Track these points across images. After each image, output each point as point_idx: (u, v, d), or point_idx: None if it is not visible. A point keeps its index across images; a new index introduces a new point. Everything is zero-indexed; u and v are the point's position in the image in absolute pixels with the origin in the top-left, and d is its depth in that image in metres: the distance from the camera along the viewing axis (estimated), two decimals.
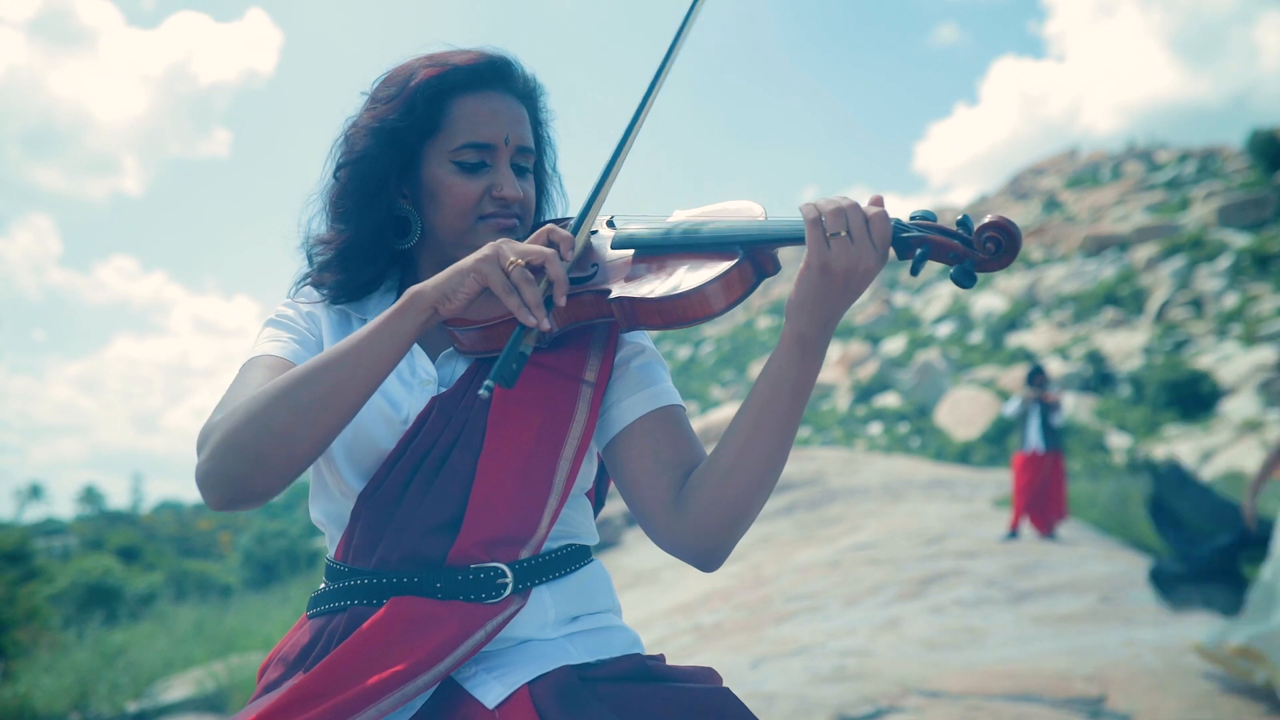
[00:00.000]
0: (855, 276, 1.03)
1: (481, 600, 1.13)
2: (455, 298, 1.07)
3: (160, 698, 8.94)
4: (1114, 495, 11.02)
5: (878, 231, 1.03)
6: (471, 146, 1.22)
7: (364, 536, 1.17)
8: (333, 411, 1.06)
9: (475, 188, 1.22)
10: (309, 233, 1.30)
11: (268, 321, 1.27)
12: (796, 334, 1.07)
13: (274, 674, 1.18)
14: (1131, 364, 28.95)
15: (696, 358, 54.48)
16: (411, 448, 1.16)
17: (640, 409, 1.20)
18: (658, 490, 1.17)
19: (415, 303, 1.08)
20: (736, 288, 1.09)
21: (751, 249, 1.10)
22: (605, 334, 1.24)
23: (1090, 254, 41.80)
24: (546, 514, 1.17)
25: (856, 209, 1.04)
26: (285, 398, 1.05)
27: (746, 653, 5.73)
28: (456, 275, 1.07)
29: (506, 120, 1.24)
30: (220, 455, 1.05)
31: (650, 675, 1.14)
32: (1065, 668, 4.32)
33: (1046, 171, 70.77)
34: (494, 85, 1.25)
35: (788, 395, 1.09)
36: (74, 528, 46.83)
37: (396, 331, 1.07)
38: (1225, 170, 47.57)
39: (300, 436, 1.05)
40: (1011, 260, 1.03)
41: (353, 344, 1.08)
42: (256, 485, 1.05)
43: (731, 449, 1.12)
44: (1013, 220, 1.02)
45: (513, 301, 1.04)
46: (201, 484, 1.07)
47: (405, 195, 1.26)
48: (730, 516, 1.13)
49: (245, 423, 1.05)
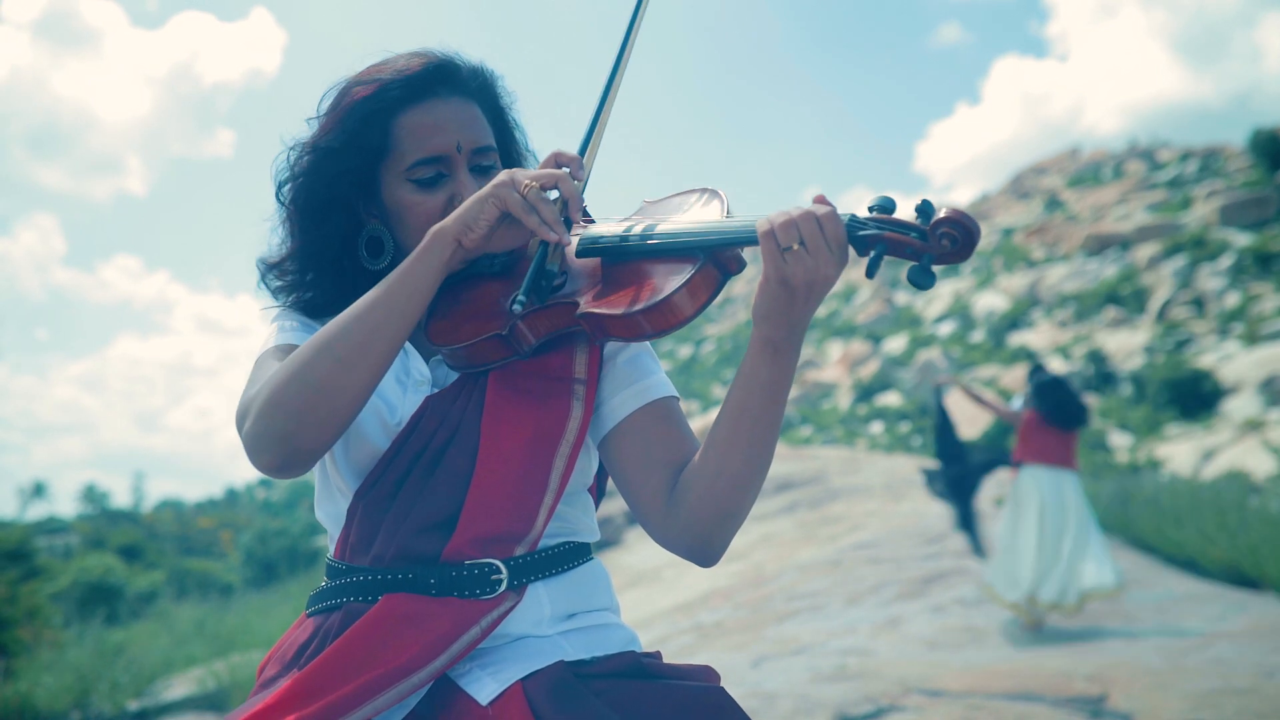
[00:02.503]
0: (816, 285, 1.02)
1: (476, 596, 1.13)
2: (477, 226, 1.09)
3: (161, 696, 8.95)
4: (1115, 495, 11.01)
5: (832, 236, 1.01)
6: (423, 163, 1.20)
7: (360, 534, 1.17)
8: (373, 358, 1.07)
9: (436, 202, 1.21)
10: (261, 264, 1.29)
11: (277, 316, 1.27)
12: (765, 339, 1.06)
13: (271, 671, 1.18)
14: (1133, 363, 28.92)
15: (698, 356, 54.48)
16: (406, 447, 1.16)
17: (631, 405, 1.20)
18: (650, 488, 1.17)
19: (439, 238, 1.10)
20: (702, 293, 1.09)
21: (712, 252, 1.10)
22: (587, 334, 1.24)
23: (1092, 253, 41.76)
24: (543, 511, 1.16)
25: (809, 218, 1.01)
26: (324, 351, 1.07)
27: (747, 652, 5.73)
28: (475, 204, 1.09)
29: (454, 126, 1.21)
30: (267, 416, 1.06)
31: (645, 672, 1.14)
32: (1066, 667, 4.32)
33: (1048, 171, 70.68)
34: (435, 92, 1.22)
35: (762, 397, 1.08)
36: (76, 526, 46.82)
37: (425, 270, 1.09)
38: (1227, 170, 47.50)
39: (344, 386, 1.06)
40: (969, 253, 0.99)
41: (383, 290, 1.09)
42: (306, 441, 1.06)
43: (714, 453, 1.12)
44: (966, 212, 0.99)
45: (533, 220, 1.07)
46: (252, 447, 1.07)
47: (375, 215, 1.25)
48: (720, 515, 1.13)
49: (287, 381, 1.06)
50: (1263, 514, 8.51)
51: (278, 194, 1.26)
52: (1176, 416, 24.14)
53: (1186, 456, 20.10)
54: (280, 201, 1.26)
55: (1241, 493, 10.33)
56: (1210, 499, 9.59)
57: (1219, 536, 8.19)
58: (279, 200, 1.26)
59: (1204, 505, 9.30)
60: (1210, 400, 24.09)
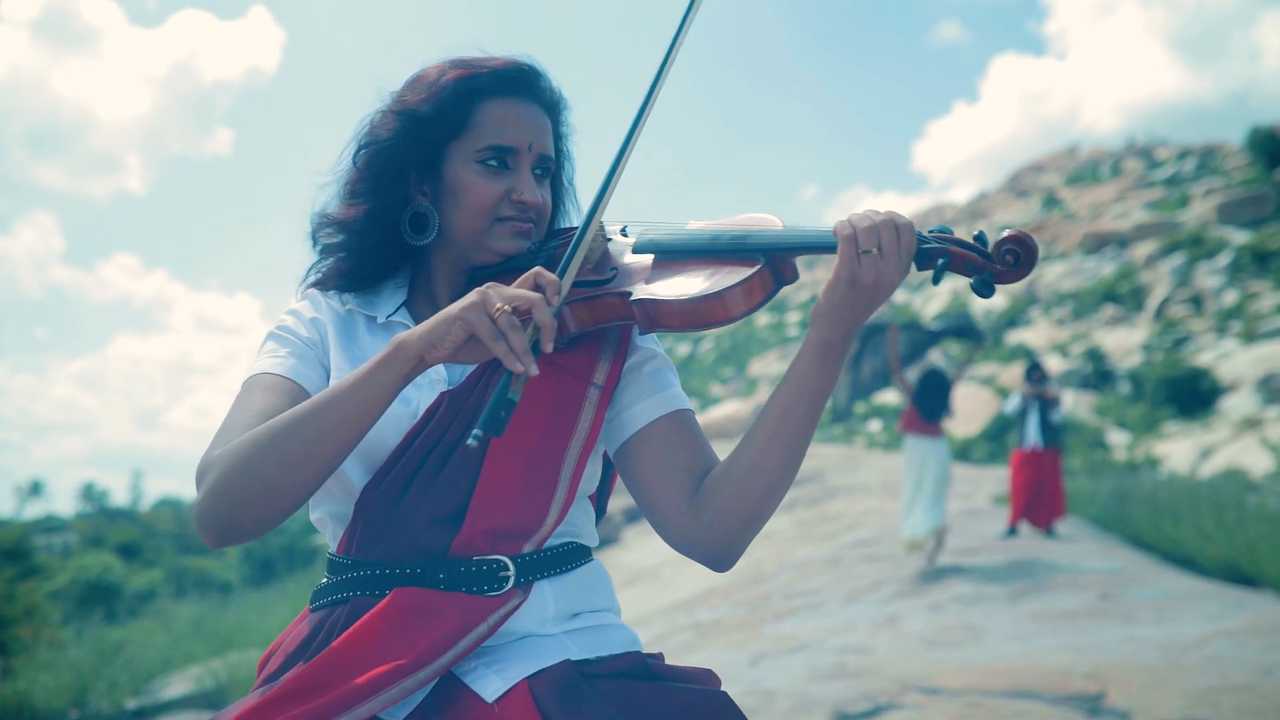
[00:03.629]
0: (881, 289, 1.08)
1: (484, 592, 1.14)
2: (442, 345, 1.06)
3: (159, 695, 8.95)
4: (1113, 492, 11.02)
5: (905, 245, 1.08)
6: (495, 149, 1.24)
7: (368, 529, 1.18)
8: (318, 459, 1.08)
9: (496, 189, 1.24)
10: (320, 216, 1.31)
11: (269, 335, 1.27)
12: (821, 340, 1.11)
13: (274, 665, 1.18)
14: (1131, 361, 28.93)
15: (696, 355, 54.51)
16: (418, 442, 1.17)
17: (653, 413, 1.22)
18: (671, 492, 1.19)
19: (401, 352, 1.07)
20: (757, 294, 1.12)
21: (772, 257, 1.13)
22: (617, 339, 1.26)
23: (1089, 251, 41.78)
24: (554, 509, 1.18)
25: (890, 225, 1.08)
26: (272, 446, 1.07)
27: (746, 650, 5.74)
28: (444, 323, 1.06)
29: (531, 128, 1.26)
30: (212, 498, 1.09)
31: (649, 674, 1.15)
32: (1064, 665, 4.33)
33: (1046, 169, 70.73)
34: (521, 93, 1.27)
35: (808, 399, 1.12)
36: (74, 525, 46.79)
37: (382, 381, 1.07)
38: (1225, 167, 47.53)
39: (286, 484, 1.08)
40: (1029, 273, 1.07)
41: (338, 392, 1.08)
42: (245, 528, 1.09)
43: (751, 451, 1.14)
44: (1031, 234, 1.05)
45: (500, 348, 1.02)
46: (198, 523, 1.11)
47: (425, 192, 1.27)
48: (748, 517, 1.15)
49: (234, 469, 1.08)
50: (1260, 512, 8.51)
51: (356, 154, 1.28)
52: (1174, 414, 24.16)
53: (1184, 454, 20.13)
54: (354, 163, 1.28)
55: (1239, 491, 10.33)
56: (1208, 497, 9.60)
57: (1217, 534, 8.20)
58: (353, 162, 1.28)
59: (1202, 503, 9.31)
60: (1208, 398, 24.11)
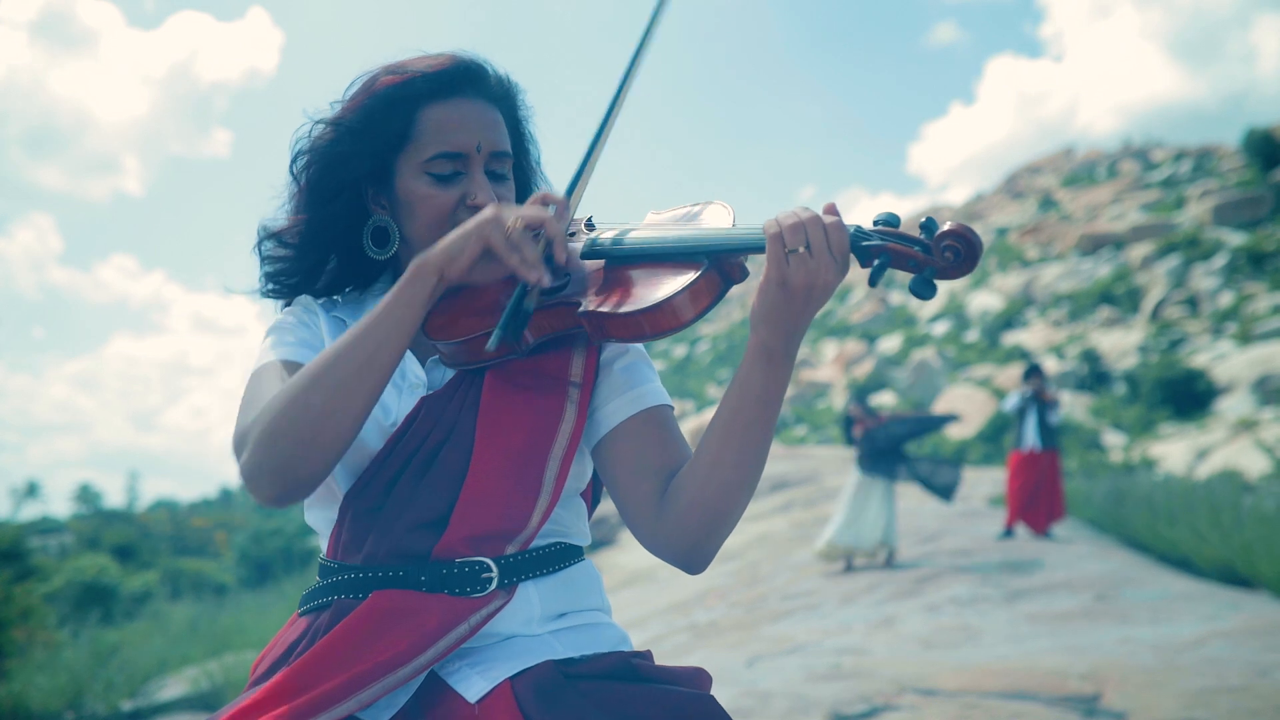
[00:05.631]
0: (815, 290, 1.04)
1: (466, 594, 1.13)
2: (459, 260, 1.09)
3: (155, 696, 8.94)
4: (1109, 494, 11.04)
5: (836, 244, 1.04)
6: (443, 157, 1.22)
7: (351, 533, 1.17)
8: (365, 387, 1.08)
9: (449, 198, 1.22)
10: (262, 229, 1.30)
11: (272, 329, 1.27)
12: (761, 345, 1.08)
13: (263, 669, 1.19)
14: (1127, 362, 28.97)
15: (693, 356, 54.53)
16: (399, 447, 1.17)
17: (625, 412, 1.21)
18: (641, 494, 1.17)
19: (422, 270, 1.10)
20: (704, 298, 1.10)
21: (717, 258, 1.11)
22: (586, 336, 1.24)
23: (1086, 252, 41.85)
24: (537, 512, 1.17)
25: (817, 222, 1.04)
26: (319, 380, 1.07)
27: (742, 651, 5.74)
28: (459, 238, 1.09)
29: (477, 127, 1.23)
30: (265, 446, 1.06)
31: (635, 674, 1.13)
32: (1060, 666, 4.33)
33: (1043, 170, 70.83)
34: (463, 91, 1.24)
35: (754, 404, 1.09)
36: (70, 526, 46.73)
37: (410, 300, 1.10)
38: (1221, 169, 47.61)
39: (338, 416, 1.07)
40: (972, 268, 1.03)
41: (371, 320, 1.10)
42: (304, 469, 1.06)
43: (706, 456, 1.12)
44: (971, 228, 1.02)
45: (514, 259, 1.07)
46: (251, 478, 1.07)
47: (383, 206, 1.27)
48: (710, 520, 1.13)
49: (283, 411, 1.07)
50: (1256, 513, 8.52)
51: (291, 165, 1.27)
52: (1170, 416, 24.20)
53: (1180, 455, 20.16)
54: (292, 175, 1.27)
55: (1235, 492, 10.35)
56: (1204, 498, 9.61)
57: (1212, 535, 8.21)
58: (291, 173, 1.27)
59: (1197, 504, 9.32)
60: (1204, 399, 24.16)
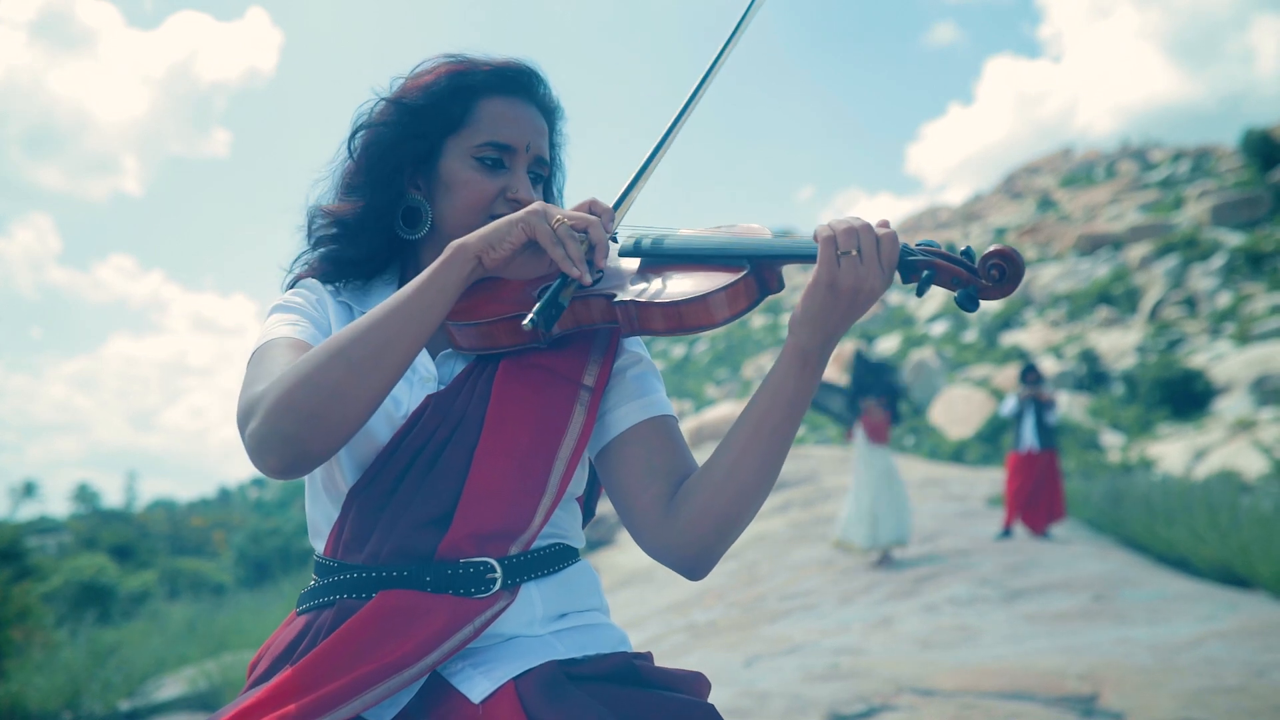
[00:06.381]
0: (860, 295, 1.06)
1: (470, 594, 1.13)
2: (500, 247, 1.09)
3: (153, 696, 8.94)
4: (1107, 494, 11.04)
5: (886, 253, 1.06)
6: (494, 145, 1.24)
7: (354, 531, 1.17)
8: (386, 366, 1.07)
9: (492, 187, 1.24)
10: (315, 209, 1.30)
11: (275, 308, 1.25)
12: (798, 348, 1.09)
13: (262, 669, 1.18)
14: (1125, 363, 28.97)
15: (691, 356, 54.50)
16: (405, 443, 1.16)
17: (634, 417, 1.22)
18: (648, 497, 1.18)
19: (460, 254, 1.10)
20: (741, 300, 1.11)
21: (758, 264, 1.13)
22: (606, 340, 1.25)
23: (1084, 253, 41.86)
24: (540, 511, 1.17)
25: (869, 230, 1.07)
26: (338, 356, 1.05)
27: (740, 651, 5.74)
28: (504, 225, 1.10)
29: (529, 128, 1.26)
30: (275, 417, 1.04)
31: (637, 676, 1.14)
32: (1058, 666, 4.33)
33: (1041, 171, 70.86)
34: (520, 93, 1.28)
35: (784, 408, 1.11)
36: (68, 526, 46.63)
37: (444, 284, 1.09)
38: (1219, 169, 47.64)
39: (355, 393, 1.05)
40: (1014, 289, 1.06)
41: (400, 300, 1.09)
42: (315, 444, 1.04)
43: (726, 458, 1.13)
44: (1018, 250, 1.05)
45: (558, 252, 1.08)
46: (258, 449, 1.05)
47: (419, 186, 1.28)
48: (721, 525, 1.13)
49: (298, 383, 1.04)
50: (1254, 513, 8.53)
51: (350, 141, 1.28)
52: (1168, 416, 24.21)
53: (1178, 456, 20.16)
54: (349, 151, 1.28)
55: (1233, 492, 10.35)
56: (1202, 498, 9.62)
57: (1210, 536, 8.21)
58: (348, 149, 1.28)
59: (1195, 504, 9.32)
60: (1202, 400, 24.16)
